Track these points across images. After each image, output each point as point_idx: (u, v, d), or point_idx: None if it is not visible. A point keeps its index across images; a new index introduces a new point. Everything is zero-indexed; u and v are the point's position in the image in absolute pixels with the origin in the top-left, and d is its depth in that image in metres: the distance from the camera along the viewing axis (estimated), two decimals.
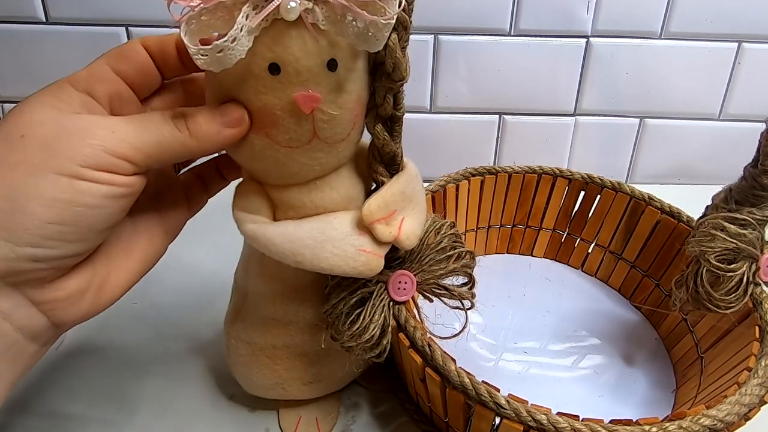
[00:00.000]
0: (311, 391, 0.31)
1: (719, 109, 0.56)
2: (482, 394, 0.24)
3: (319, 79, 0.21)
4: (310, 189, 0.25)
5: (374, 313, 0.26)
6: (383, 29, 0.20)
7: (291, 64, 0.21)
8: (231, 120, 0.22)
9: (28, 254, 0.19)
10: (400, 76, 0.22)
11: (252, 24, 0.19)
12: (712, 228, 0.31)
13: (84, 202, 0.20)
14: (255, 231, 0.25)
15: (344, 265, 0.24)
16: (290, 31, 0.20)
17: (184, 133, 0.22)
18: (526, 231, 0.46)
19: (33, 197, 0.19)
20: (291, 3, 0.19)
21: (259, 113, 0.22)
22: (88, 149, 0.20)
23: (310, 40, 0.21)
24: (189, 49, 0.19)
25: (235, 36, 0.19)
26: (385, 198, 0.25)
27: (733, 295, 0.30)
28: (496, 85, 0.54)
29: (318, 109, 0.22)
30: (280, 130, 0.22)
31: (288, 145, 0.23)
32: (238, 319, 0.30)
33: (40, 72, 0.52)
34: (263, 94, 0.21)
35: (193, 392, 0.34)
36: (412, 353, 0.27)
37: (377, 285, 0.26)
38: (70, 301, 0.22)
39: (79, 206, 0.20)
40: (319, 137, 0.23)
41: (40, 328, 0.21)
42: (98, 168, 0.20)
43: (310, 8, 0.20)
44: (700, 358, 0.34)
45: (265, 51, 0.20)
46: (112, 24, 0.50)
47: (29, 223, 0.19)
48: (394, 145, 0.25)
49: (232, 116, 0.22)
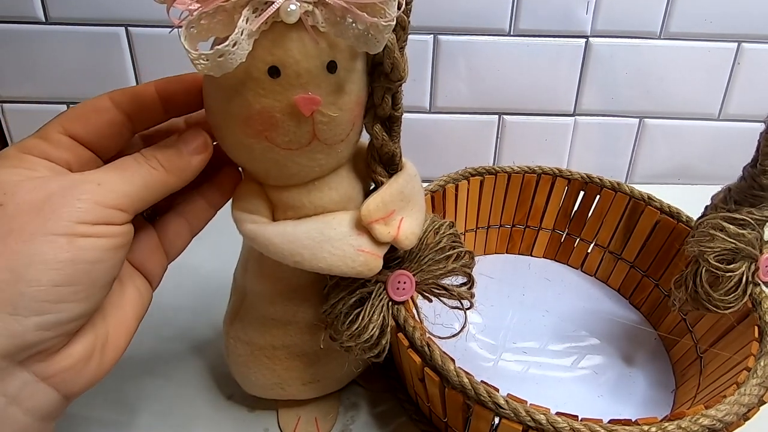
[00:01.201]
0: (310, 391, 0.31)
1: (719, 109, 0.56)
2: (481, 394, 0.24)
3: (319, 81, 0.21)
4: (310, 189, 0.25)
5: (373, 313, 0.26)
6: (384, 31, 0.20)
7: (291, 67, 0.21)
8: (194, 148, 0.23)
9: (35, 324, 0.19)
10: (399, 76, 0.23)
11: (252, 27, 0.19)
12: (711, 228, 0.31)
13: (86, 258, 0.20)
14: (254, 231, 0.25)
15: (343, 265, 0.24)
16: (290, 34, 0.20)
17: (160, 170, 0.22)
18: (525, 231, 0.46)
19: (33, 263, 0.19)
20: (291, 5, 0.19)
21: (259, 116, 0.22)
22: (81, 204, 0.20)
23: (310, 43, 0.20)
24: (189, 55, 0.19)
25: (236, 40, 0.19)
26: (384, 198, 0.25)
27: (732, 295, 0.30)
28: (496, 85, 0.54)
29: (318, 111, 0.22)
30: (279, 133, 0.22)
31: (288, 147, 0.23)
32: (237, 319, 0.30)
33: (40, 72, 0.52)
34: (263, 97, 0.21)
35: (192, 392, 0.34)
36: (411, 353, 0.27)
37: (376, 285, 0.26)
38: (77, 369, 0.21)
39: (81, 263, 0.19)
40: (319, 139, 0.23)
41: (50, 405, 0.21)
42: (94, 222, 0.20)
43: (310, 10, 0.20)
44: (699, 357, 0.34)
45: (265, 54, 0.20)
46: (112, 24, 0.50)
47: (34, 291, 0.19)
48: (392, 145, 0.25)
49: (195, 144, 0.23)
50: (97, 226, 0.20)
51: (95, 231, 0.20)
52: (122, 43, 0.51)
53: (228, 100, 0.22)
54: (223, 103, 0.22)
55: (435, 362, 0.26)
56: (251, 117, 0.22)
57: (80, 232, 0.19)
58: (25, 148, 0.21)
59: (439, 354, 0.26)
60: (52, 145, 0.22)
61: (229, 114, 0.22)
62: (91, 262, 0.20)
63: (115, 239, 0.21)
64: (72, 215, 0.19)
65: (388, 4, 0.20)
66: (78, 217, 0.19)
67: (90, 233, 0.20)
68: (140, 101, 0.23)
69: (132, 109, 0.23)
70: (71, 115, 0.23)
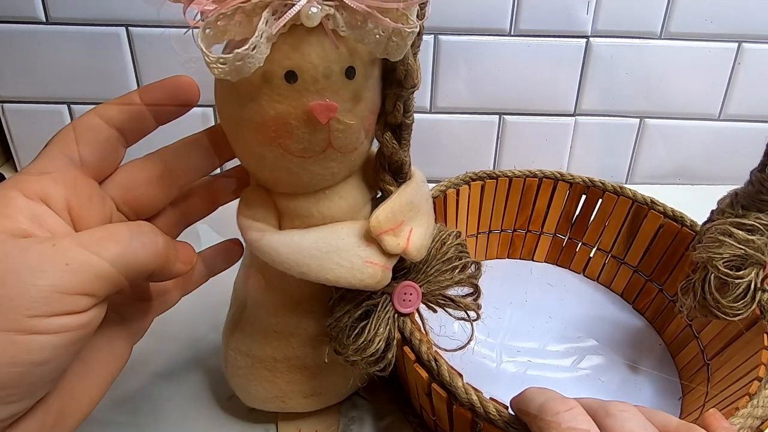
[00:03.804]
0: (312, 404, 0.31)
1: (719, 109, 0.56)
2: (490, 412, 0.23)
3: (337, 87, 0.20)
4: (319, 198, 0.24)
5: (379, 326, 0.25)
6: (407, 38, 0.19)
7: (308, 72, 0.20)
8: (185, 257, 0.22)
9: None
10: (412, 83, 0.22)
11: (272, 30, 0.18)
12: (719, 234, 0.31)
13: (29, 360, 0.16)
14: (259, 239, 0.24)
15: (350, 277, 0.23)
16: (309, 38, 0.19)
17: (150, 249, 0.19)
18: (527, 236, 0.46)
19: None
20: (312, 8, 0.18)
21: (273, 122, 0.21)
22: (36, 292, 0.16)
23: (330, 47, 0.20)
24: (205, 58, 0.18)
25: (256, 43, 0.18)
26: (393, 208, 0.24)
27: (740, 302, 0.30)
28: (496, 85, 0.53)
29: (334, 119, 0.21)
30: (293, 140, 0.21)
31: (302, 155, 0.22)
32: (237, 330, 0.29)
33: (40, 72, 0.52)
34: (278, 103, 0.20)
35: (192, 393, 0.34)
36: (418, 368, 0.26)
37: (382, 297, 0.26)
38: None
39: (21, 366, 0.16)
40: (334, 147, 0.22)
41: None
42: (49, 314, 0.16)
43: (332, 14, 0.19)
44: (706, 365, 0.34)
45: (283, 58, 0.19)
46: (112, 24, 0.50)
47: None
48: (402, 154, 0.24)
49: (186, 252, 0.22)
50: (51, 319, 0.16)
51: (47, 326, 0.16)
52: (122, 43, 0.51)
53: (241, 105, 0.21)
54: (236, 108, 0.21)
55: (443, 378, 0.25)
56: (265, 123, 0.21)
57: (29, 327, 0.16)
58: (22, 186, 0.19)
59: (447, 369, 0.25)
60: (52, 182, 0.20)
61: (242, 119, 0.21)
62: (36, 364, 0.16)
63: (71, 333, 0.17)
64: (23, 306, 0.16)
65: (410, 9, 0.19)
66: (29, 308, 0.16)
67: (41, 329, 0.16)
68: (128, 113, 0.22)
69: (122, 123, 0.22)
70: (68, 138, 0.21)
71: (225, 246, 0.28)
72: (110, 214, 0.22)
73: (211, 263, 0.27)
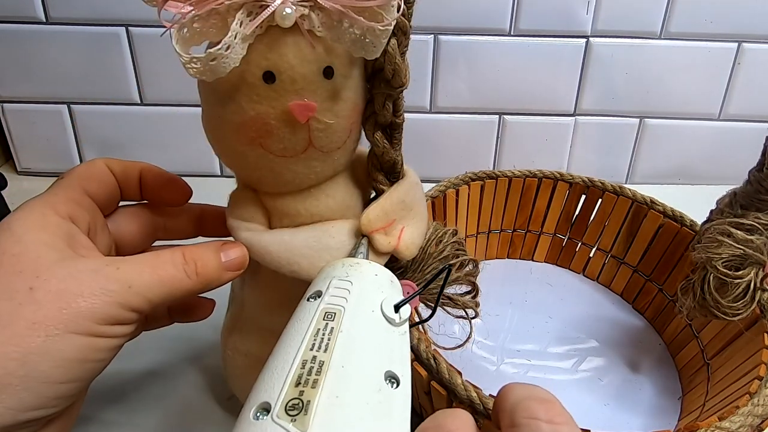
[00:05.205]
0: None
1: (719, 109, 0.56)
2: (490, 409, 0.23)
3: (315, 87, 0.21)
4: (305, 197, 0.24)
5: None
6: (381, 36, 0.20)
7: (286, 72, 0.20)
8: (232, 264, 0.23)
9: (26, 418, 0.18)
10: (400, 82, 0.22)
11: (246, 31, 0.18)
12: (718, 234, 0.31)
13: (96, 357, 0.20)
14: (250, 239, 0.24)
15: None
16: (285, 38, 0.19)
17: (193, 279, 0.22)
18: (526, 236, 0.46)
19: (47, 359, 0.18)
20: (286, 9, 0.18)
21: (253, 122, 0.21)
22: (104, 306, 0.19)
23: (306, 47, 0.20)
24: (180, 58, 0.18)
25: (229, 43, 0.18)
26: (384, 207, 0.24)
27: (740, 302, 0.30)
28: (496, 85, 0.53)
29: (313, 118, 0.21)
30: (274, 140, 0.21)
31: (283, 154, 0.22)
32: (236, 330, 0.29)
33: (40, 72, 0.52)
34: (257, 103, 0.20)
35: (192, 392, 0.34)
36: (417, 366, 0.26)
37: None
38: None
39: (90, 362, 0.20)
40: (315, 146, 0.22)
41: None
42: (112, 322, 0.20)
43: (306, 14, 0.19)
44: (706, 364, 0.34)
45: (260, 59, 0.20)
46: (112, 24, 0.50)
47: (42, 387, 0.18)
48: (394, 153, 0.24)
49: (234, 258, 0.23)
50: (113, 327, 0.20)
51: (110, 331, 0.20)
52: (122, 43, 0.51)
53: (221, 105, 0.21)
54: (217, 108, 0.22)
55: (442, 376, 0.25)
56: (245, 123, 0.21)
57: (98, 332, 0.19)
58: (52, 205, 0.21)
59: (446, 367, 0.25)
60: (78, 205, 0.22)
61: (223, 120, 0.22)
62: (98, 361, 0.20)
63: (123, 339, 0.21)
64: (95, 315, 0.19)
65: (386, 8, 0.19)
66: (100, 317, 0.19)
67: (106, 333, 0.20)
68: (128, 176, 0.25)
69: (121, 180, 0.25)
70: (84, 174, 0.23)
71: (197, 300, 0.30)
72: (112, 245, 0.25)
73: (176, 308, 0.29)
